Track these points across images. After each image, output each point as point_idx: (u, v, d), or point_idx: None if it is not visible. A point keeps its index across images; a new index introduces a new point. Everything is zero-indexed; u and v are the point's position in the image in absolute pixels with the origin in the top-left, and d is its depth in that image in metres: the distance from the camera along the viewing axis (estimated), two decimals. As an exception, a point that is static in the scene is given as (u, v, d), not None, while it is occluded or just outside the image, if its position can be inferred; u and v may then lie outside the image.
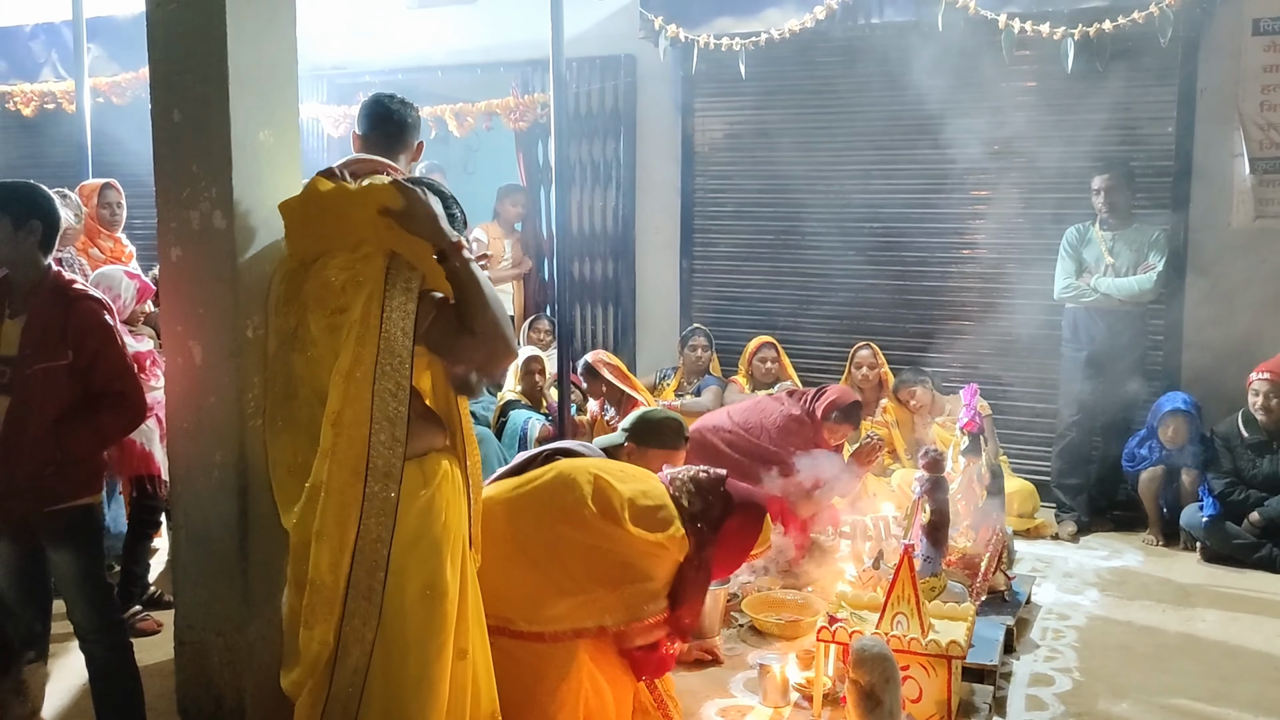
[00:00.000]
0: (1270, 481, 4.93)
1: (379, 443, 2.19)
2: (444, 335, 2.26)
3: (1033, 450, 5.96)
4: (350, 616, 2.21)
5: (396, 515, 2.21)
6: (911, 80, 6.01)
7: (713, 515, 2.84)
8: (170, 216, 2.99)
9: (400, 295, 2.21)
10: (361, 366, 2.18)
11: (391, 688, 2.21)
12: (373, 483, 2.19)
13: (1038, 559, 5.03)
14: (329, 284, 2.28)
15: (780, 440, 4.69)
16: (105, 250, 5.33)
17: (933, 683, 3.03)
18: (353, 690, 2.21)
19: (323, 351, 2.28)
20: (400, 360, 2.19)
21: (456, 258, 2.25)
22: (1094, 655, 3.88)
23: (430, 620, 2.23)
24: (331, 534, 2.20)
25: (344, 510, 2.19)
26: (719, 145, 6.83)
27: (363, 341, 2.18)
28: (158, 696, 3.21)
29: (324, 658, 2.22)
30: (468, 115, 7.24)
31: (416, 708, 2.21)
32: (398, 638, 2.21)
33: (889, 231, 6.34)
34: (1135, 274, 5.27)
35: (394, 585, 2.21)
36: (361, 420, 2.18)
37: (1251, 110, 5.45)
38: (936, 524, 3.77)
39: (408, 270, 2.24)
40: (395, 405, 2.20)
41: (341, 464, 2.19)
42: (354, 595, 2.20)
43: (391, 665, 2.21)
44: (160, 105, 3.00)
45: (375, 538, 2.20)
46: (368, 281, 2.22)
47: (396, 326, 2.19)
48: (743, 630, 4.07)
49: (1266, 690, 3.59)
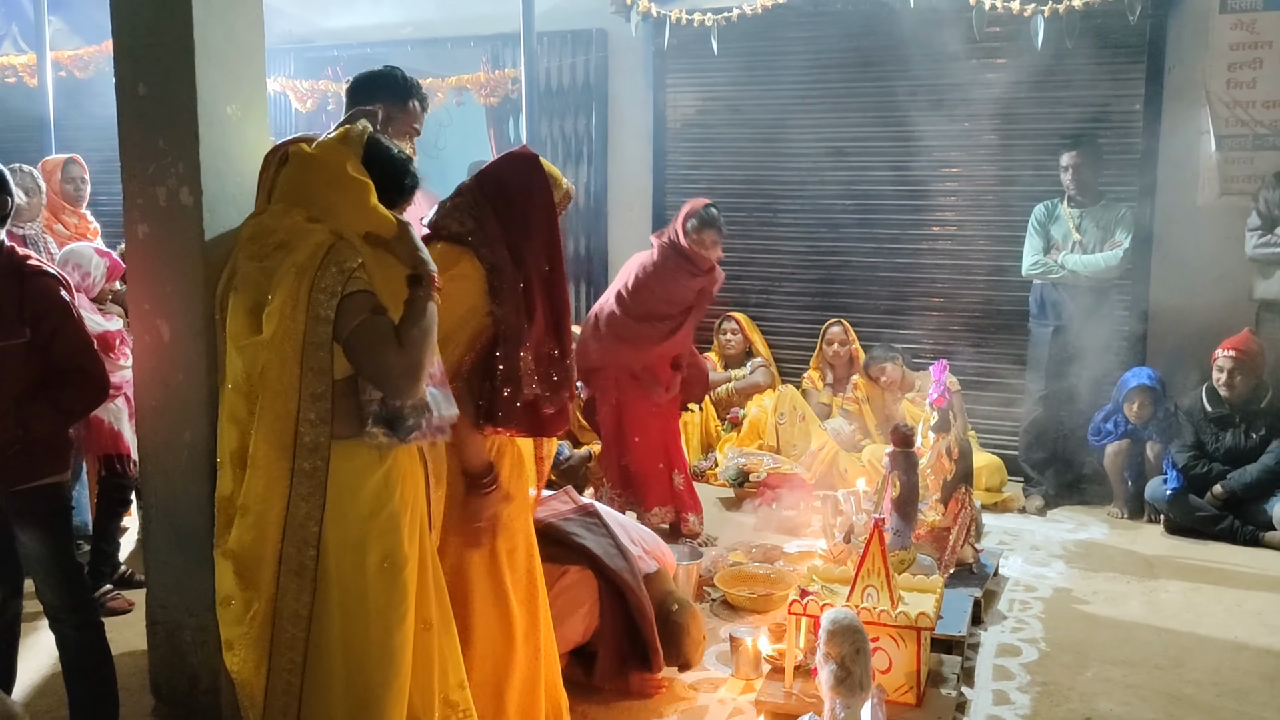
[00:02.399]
0: (1232, 455, 5.02)
1: (306, 420, 2.17)
2: (371, 341, 2.17)
3: (1001, 425, 6.03)
4: (283, 593, 2.20)
5: (329, 494, 2.19)
6: (883, 57, 6.03)
7: (482, 204, 2.64)
8: (136, 193, 2.96)
9: (331, 274, 2.16)
10: (290, 341, 2.16)
11: (354, 659, 2.21)
12: (300, 460, 2.18)
13: (1005, 532, 5.10)
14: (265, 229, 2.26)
15: (661, 282, 4.70)
16: (70, 226, 5.24)
17: (902, 654, 3.07)
18: (293, 665, 2.21)
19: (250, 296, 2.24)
20: (323, 339, 2.17)
21: (425, 290, 2.25)
22: (1059, 626, 3.95)
23: (390, 591, 2.23)
24: (255, 509, 2.19)
25: (270, 486, 2.18)
26: (691, 121, 6.82)
27: (293, 315, 2.15)
28: (130, 676, 3.20)
29: (263, 636, 2.21)
30: (437, 90, 7.16)
31: (379, 678, 2.22)
32: (359, 610, 2.21)
33: (860, 208, 6.36)
34: (1102, 251, 5.33)
35: (354, 559, 2.21)
36: (289, 395, 2.16)
37: (1218, 88, 5.51)
38: (906, 498, 3.80)
39: (348, 251, 2.20)
40: (320, 386, 2.17)
41: (267, 439, 2.17)
42: (285, 572, 2.19)
43: (353, 637, 2.21)
44: (125, 79, 2.95)
45: (305, 514, 2.19)
46: (303, 254, 2.19)
47: (320, 305, 2.16)
48: (715, 604, 4.10)
49: (1225, 658, 3.67)
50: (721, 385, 6.32)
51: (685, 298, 4.76)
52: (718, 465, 5.85)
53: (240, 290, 2.26)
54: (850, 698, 2.74)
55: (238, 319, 2.25)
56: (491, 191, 2.68)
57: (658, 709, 3.27)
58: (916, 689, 3.08)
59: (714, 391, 6.30)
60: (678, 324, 4.77)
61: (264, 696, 2.25)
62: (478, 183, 2.72)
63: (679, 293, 4.74)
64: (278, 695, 2.24)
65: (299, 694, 2.23)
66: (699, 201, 4.80)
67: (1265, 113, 5.43)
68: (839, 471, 5.66)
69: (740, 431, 6.08)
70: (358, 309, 2.19)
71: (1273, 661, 3.63)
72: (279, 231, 2.24)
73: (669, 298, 4.74)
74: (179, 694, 3.10)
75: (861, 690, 2.77)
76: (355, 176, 2.25)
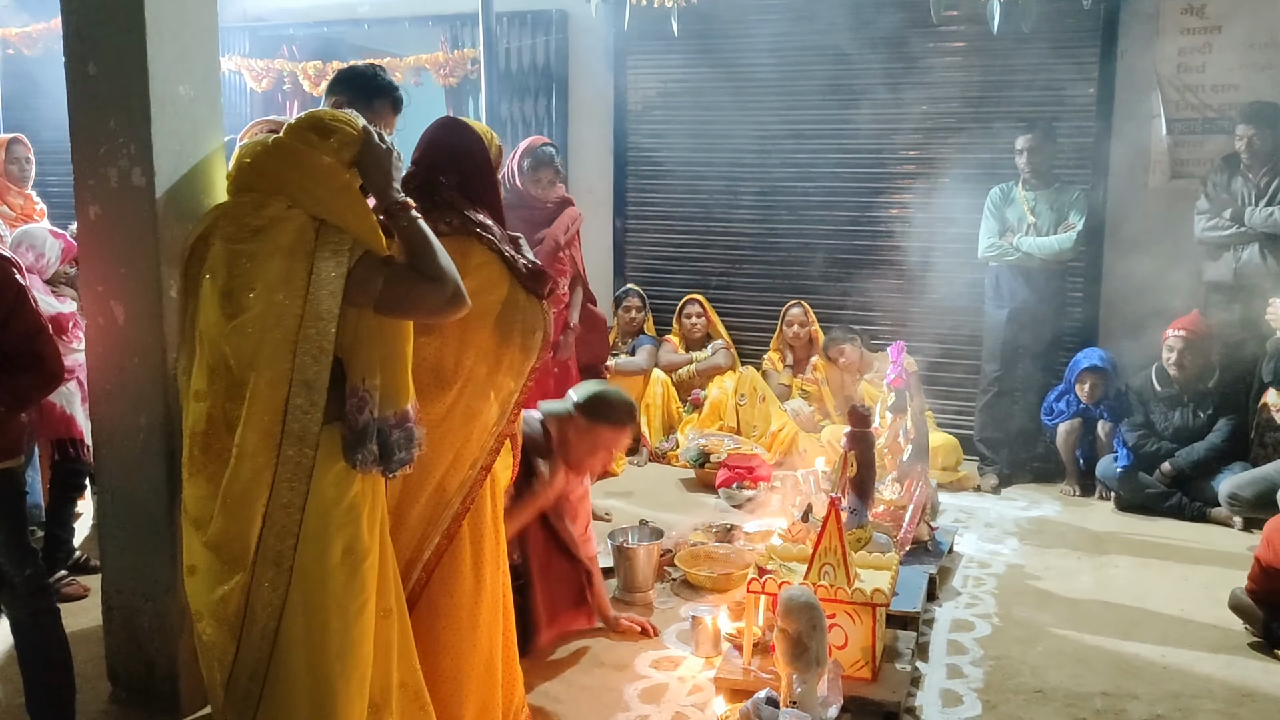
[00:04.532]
0: (1181, 433, 5.13)
1: (295, 407, 2.15)
2: (403, 289, 2.20)
3: (957, 405, 6.11)
4: (259, 583, 2.19)
5: (311, 481, 2.18)
6: (842, 40, 6.06)
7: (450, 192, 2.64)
8: (87, 174, 2.92)
9: (331, 259, 2.16)
10: (282, 327, 2.14)
11: (315, 651, 2.20)
12: (287, 447, 2.16)
13: (960, 510, 5.19)
14: (243, 211, 2.23)
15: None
16: (15, 208, 5.15)
17: (858, 630, 3.12)
18: (260, 655, 2.20)
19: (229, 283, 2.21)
20: (325, 324, 2.15)
21: (404, 216, 2.25)
22: (1012, 601, 4.03)
23: (350, 582, 2.22)
24: (239, 496, 2.17)
25: (255, 474, 2.16)
26: (652, 104, 6.81)
27: (287, 300, 2.13)
28: (86, 662, 3.17)
29: (234, 624, 2.20)
30: (395, 70, 7.07)
31: (339, 669, 2.21)
32: (319, 602, 2.20)
33: (820, 191, 6.40)
34: (1056, 233, 5.41)
35: (315, 549, 2.19)
36: (279, 383, 2.15)
37: (1169, 72, 5.60)
38: (863, 478, 3.85)
39: (336, 233, 2.20)
40: (316, 370, 2.16)
41: (254, 427, 2.15)
42: (262, 561, 2.18)
43: (313, 629, 2.20)
44: (74, 58, 2.91)
45: (286, 503, 2.17)
46: (286, 237, 2.17)
47: (324, 289, 2.14)
48: (675, 584, 4.14)
49: (1172, 630, 3.77)
50: (683, 367, 6.35)
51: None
52: (679, 446, 5.89)
53: (215, 273, 2.23)
54: (806, 673, 2.79)
55: (210, 301, 2.22)
56: (454, 178, 2.66)
57: (617, 687, 3.30)
58: (872, 664, 3.13)
59: (675, 374, 6.33)
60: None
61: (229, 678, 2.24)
62: (432, 172, 2.68)
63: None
64: (241, 681, 2.23)
65: (263, 680, 2.22)
66: (536, 140, 4.69)
67: (1214, 96, 5.53)
68: (799, 452, 5.72)
69: (701, 413, 6.12)
70: (373, 271, 2.19)
71: (1217, 633, 3.73)
72: (257, 217, 2.22)
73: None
74: (136, 680, 3.08)
75: (818, 665, 2.82)
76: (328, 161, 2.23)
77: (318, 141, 2.24)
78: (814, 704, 2.78)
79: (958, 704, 3.22)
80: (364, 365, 2.21)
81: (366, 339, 2.22)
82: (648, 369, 6.26)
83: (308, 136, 2.25)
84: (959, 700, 3.24)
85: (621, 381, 6.18)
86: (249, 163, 2.29)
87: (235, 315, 2.16)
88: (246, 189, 2.29)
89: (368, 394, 2.20)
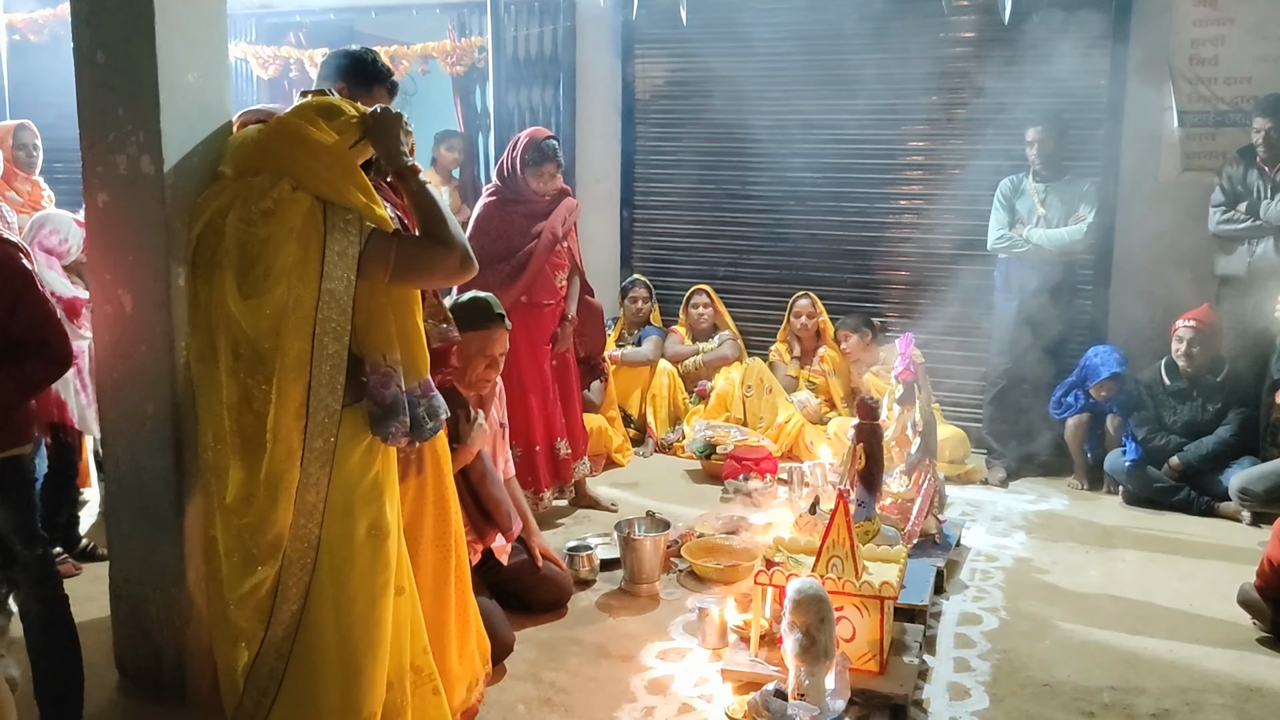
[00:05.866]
0: (1189, 428, 5.11)
1: (319, 386, 2.17)
2: (416, 255, 2.25)
3: (965, 398, 6.10)
4: (289, 564, 2.20)
5: (334, 462, 2.20)
6: (852, 30, 6.02)
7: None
8: (96, 161, 2.91)
9: (341, 238, 2.18)
10: (300, 310, 2.15)
11: (343, 629, 2.23)
12: (313, 428, 2.18)
13: (968, 503, 5.17)
14: (254, 193, 2.23)
15: (500, 223, 4.53)
16: (23, 194, 5.14)
17: (866, 622, 3.11)
18: (287, 635, 2.22)
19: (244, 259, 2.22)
20: (343, 304, 2.17)
21: (413, 179, 2.30)
22: (1020, 595, 4.02)
23: (375, 560, 2.25)
24: (276, 479, 2.18)
25: (289, 456, 2.17)
26: (660, 93, 6.78)
27: (303, 283, 2.14)
28: (94, 651, 3.17)
29: (264, 607, 2.21)
30: (403, 58, 7.07)
31: (365, 645, 2.24)
32: (347, 579, 2.22)
33: (829, 181, 6.37)
34: (1066, 225, 5.38)
35: (343, 528, 2.22)
36: (302, 365, 2.16)
37: (1181, 64, 5.56)
38: (871, 470, 3.84)
39: (343, 213, 2.21)
40: (336, 349, 2.18)
41: (285, 409, 2.17)
42: (293, 542, 2.20)
43: (341, 607, 2.22)
44: (83, 45, 2.90)
45: (315, 484, 2.19)
46: (295, 219, 2.17)
47: (338, 268, 2.16)
48: (682, 575, 4.14)
49: (1180, 625, 3.75)
50: (689, 358, 6.34)
51: (521, 237, 4.54)
52: (685, 438, 5.88)
53: (229, 254, 2.24)
54: (814, 666, 2.79)
55: (228, 282, 2.23)
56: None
57: (624, 678, 3.30)
58: (879, 657, 3.13)
59: (682, 365, 6.32)
60: (520, 264, 4.53)
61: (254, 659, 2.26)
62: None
63: (515, 232, 4.53)
64: (268, 661, 2.25)
65: (287, 659, 2.24)
66: (539, 132, 4.62)
67: (1227, 89, 5.49)
68: (805, 444, 5.71)
69: (708, 404, 6.11)
70: (384, 244, 2.23)
71: (1225, 628, 3.72)
72: (266, 199, 2.22)
73: (505, 236, 4.53)
74: (144, 669, 3.09)
75: (826, 658, 2.81)
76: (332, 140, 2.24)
77: (321, 122, 2.25)
78: (821, 696, 2.78)
79: (965, 697, 3.22)
80: (383, 341, 2.25)
81: (379, 315, 2.25)
82: (654, 360, 6.25)
83: (312, 116, 2.26)
84: (966, 694, 3.24)
85: (627, 372, 6.18)
86: (254, 141, 2.29)
87: (251, 296, 2.17)
88: (252, 170, 2.29)
89: (391, 369, 2.23)
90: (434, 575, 2.79)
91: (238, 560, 2.25)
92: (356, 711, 2.25)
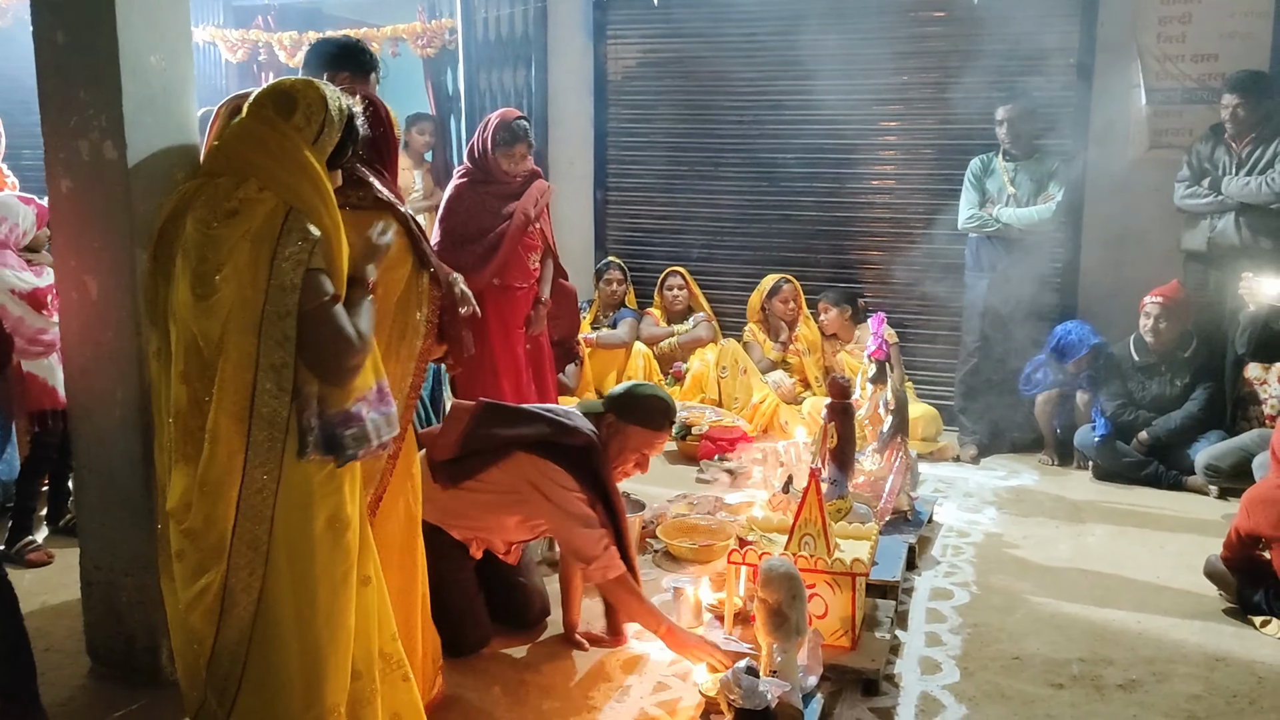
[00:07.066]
0: (1158, 402, 5.17)
1: (264, 390, 2.14)
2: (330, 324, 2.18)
3: (937, 376, 6.15)
4: (236, 568, 2.19)
5: (284, 464, 2.17)
6: (823, 9, 6.03)
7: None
8: (58, 146, 2.88)
9: (295, 243, 2.13)
10: (248, 312, 2.13)
11: (304, 622, 2.21)
12: (257, 431, 2.15)
13: (940, 480, 5.22)
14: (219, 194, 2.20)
15: (471, 205, 4.51)
16: (-14, 180, 5.07)
17: (838, 599, 3.14)
18: (241, 636, 2.21)
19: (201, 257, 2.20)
20: (287, 316, 2.14)
21: (360, 290, 2.29)
22: (991, 570, 4.06)
23: (335, 551, 2.24)
24: (215, 481, 2.16)
25: (229, 458, 2.15)
26: (633, 74, 6.76)
27: (253, 285, 2.12)
28: (66, 637, 3.17)
29: (214, 609, 2.20)
30: (373, 41, 7.01)
31: (327, 636, 2.23)
32: (305, 571, 2.21)
33: (802, 162, 6.39)
34: (1036, 204, 5.41)
35: (299, 521, 2.20)
36: (246, 366, 2.14)
37: (1149, 42, 5.59)
38: (843, 449, 3.87)
39: (302, 227, 2.17)
40: (281, 354, 2.15)
41: (224, 410, 2.15)
42: (238, 546, 2.18)
43: (301, 600, 2.21)
44: (43, 28, 2.86)
45: (260, 487, 2.17)
46: (257, 220, 2.15)
47: (286, 275, 2.13)
48: (658, 555, 4.16)
49: (1148, 598, 3.81)
50: (664, 340, 6.35)
51: (493, 218, 4.50)
52: (660, 419, 5.89)
53: (186, 254, 2.21)
54: (787, 642, 2.81)
55: (182, 281, 2.20)
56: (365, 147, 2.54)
57: (600, 656, 3.31)
58: (852, 633, 3.16)
59: (657, 347, 6.33)
60: (492, 245, 4.49)
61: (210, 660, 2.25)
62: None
63: (486, 213, 4.50)
64: (223, 662, 2.24)
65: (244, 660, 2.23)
66: (509, 113, 4.57)
67: (1194, 67, 5.54)
68: (780, 424, 5.74)
69: (683, 386, 6.13)
70: (320, 289, 2.17)
71: (1192, 600, 3.78)
72: (230, 200, 2.19)
73: (476, 217, 4.50)
74: (116, 655, 3.08)
75: (798, 634, 2.84)
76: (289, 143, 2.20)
77: (278, 120, 2.21)
78: (794, 673, 2.81)
79: (936, 671, 3.25)
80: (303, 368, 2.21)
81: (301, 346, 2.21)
82: (629, 342, 6.26)
83: (267, 115, 2.22)
84: (938, 667, 3.28)
85: (603, 355, 6.19)
86: (218, 146, 2.27)
87: (205, 297, 2.14)
88: (220, 172, 2.27)
89: (308, 396, 2.19)
90: (401, 553, 2.79)
91: (187, 563, 2.24)
92: (320, 703, 2.24)
